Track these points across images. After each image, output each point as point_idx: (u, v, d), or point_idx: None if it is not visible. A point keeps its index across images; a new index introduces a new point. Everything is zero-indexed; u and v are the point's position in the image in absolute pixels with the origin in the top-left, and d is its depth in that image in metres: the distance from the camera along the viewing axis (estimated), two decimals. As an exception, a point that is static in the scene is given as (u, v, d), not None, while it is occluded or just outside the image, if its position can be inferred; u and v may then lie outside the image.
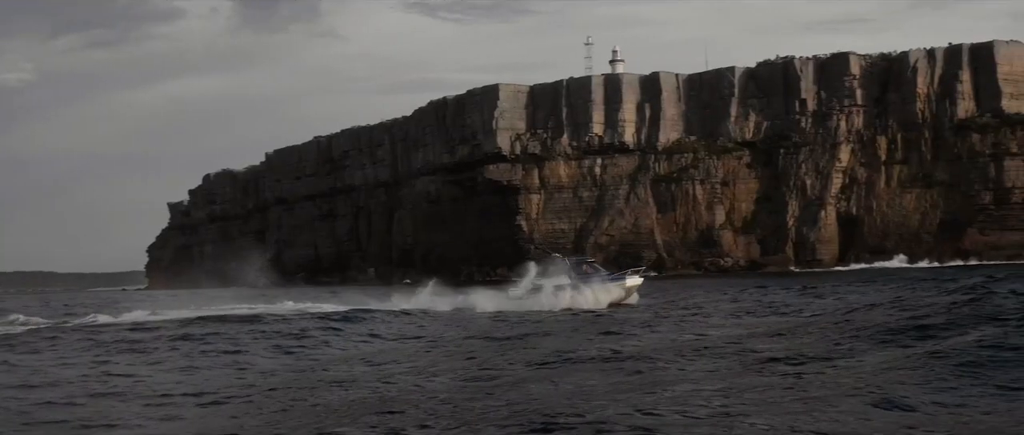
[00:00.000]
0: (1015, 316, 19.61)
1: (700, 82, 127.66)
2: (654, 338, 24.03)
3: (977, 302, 23.98)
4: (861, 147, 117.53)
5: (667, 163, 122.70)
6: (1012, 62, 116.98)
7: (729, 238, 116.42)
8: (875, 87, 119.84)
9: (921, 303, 26.57)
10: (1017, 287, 27.64)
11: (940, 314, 21.99)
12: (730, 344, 21.15)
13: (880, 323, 22.03)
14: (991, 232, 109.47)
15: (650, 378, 16.45)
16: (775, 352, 18.80)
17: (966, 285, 33.48)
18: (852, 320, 24.16)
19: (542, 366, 19.07)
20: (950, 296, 27.66)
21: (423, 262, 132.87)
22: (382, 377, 18.33)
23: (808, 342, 20.72)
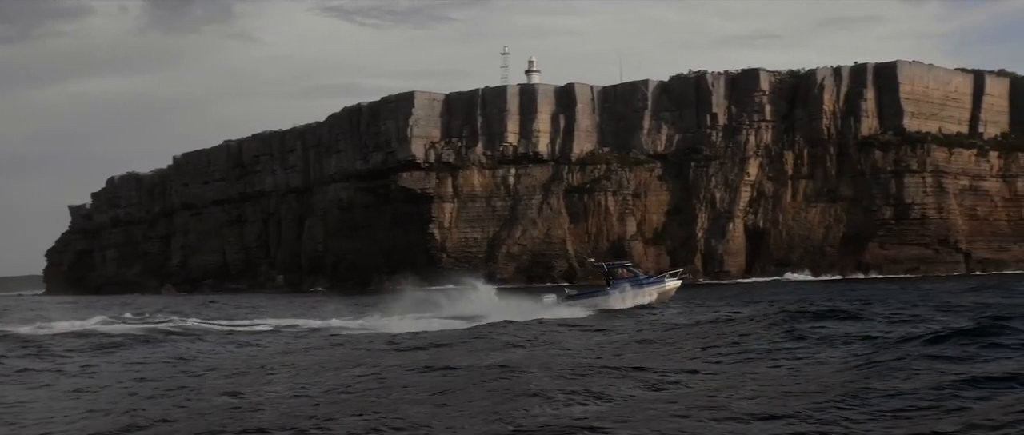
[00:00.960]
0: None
1: (614, 94, 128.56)
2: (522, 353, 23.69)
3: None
4: (769, 162, 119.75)
5: (580, 174, 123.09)
6: (914, 82, 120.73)
7: (639, 249, 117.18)
8: (783, 103, 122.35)
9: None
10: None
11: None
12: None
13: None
14: (891, 246, 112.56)
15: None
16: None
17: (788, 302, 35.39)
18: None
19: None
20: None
21: (334, 270, 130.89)
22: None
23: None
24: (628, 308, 35.73)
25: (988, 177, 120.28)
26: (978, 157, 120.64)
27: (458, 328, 32.52)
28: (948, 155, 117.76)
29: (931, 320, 25.69)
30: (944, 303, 35.09)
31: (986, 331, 20.56)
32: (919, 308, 32.19)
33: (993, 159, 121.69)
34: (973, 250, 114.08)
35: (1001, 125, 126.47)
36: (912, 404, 13.41)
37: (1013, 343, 18.75)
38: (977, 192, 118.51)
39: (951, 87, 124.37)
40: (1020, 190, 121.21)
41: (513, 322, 32.23)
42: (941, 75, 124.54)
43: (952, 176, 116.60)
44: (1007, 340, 19.20)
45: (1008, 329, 20.77)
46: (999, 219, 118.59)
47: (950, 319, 25.58)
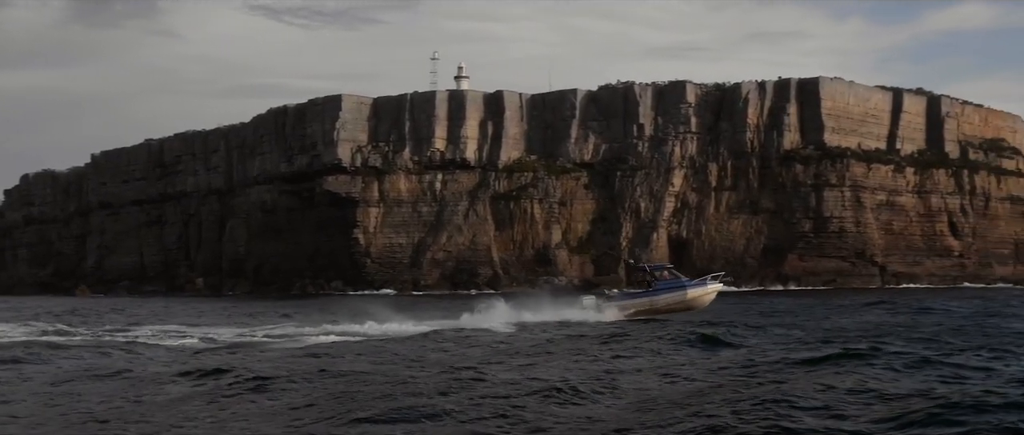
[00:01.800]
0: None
1: (543, 102, 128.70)
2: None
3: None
4: (694, 173, 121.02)
5: (507, 181, 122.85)
6: (835, 98, 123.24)
7: (564, 257, 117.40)
8: (709, 115, 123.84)
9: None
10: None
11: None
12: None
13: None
14: (810, 259, 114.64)
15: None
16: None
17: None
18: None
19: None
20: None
21: (255, 273, 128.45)
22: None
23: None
24: (673, 311, 35.28)
25: (904, 193, 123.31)
26: (895, 173, 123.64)
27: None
28: (866, 170, 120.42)
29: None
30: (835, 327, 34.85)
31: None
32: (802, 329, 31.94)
33: (909, 175, 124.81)
34: (888, 264, 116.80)
35: (917, 142, 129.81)
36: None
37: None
38: (893, 207, 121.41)
39: (871, 104, 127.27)
40: (934, 206, 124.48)
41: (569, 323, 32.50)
42: (861, 92, 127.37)
43: (870, 191, 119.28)
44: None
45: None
46: (914, 234, 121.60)
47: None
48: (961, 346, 24.05)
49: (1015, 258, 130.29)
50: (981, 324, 33.82)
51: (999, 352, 22.38)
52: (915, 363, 19.75)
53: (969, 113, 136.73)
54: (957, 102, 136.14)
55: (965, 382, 17.11)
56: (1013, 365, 19.64)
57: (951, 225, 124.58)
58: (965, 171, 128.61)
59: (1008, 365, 19.68)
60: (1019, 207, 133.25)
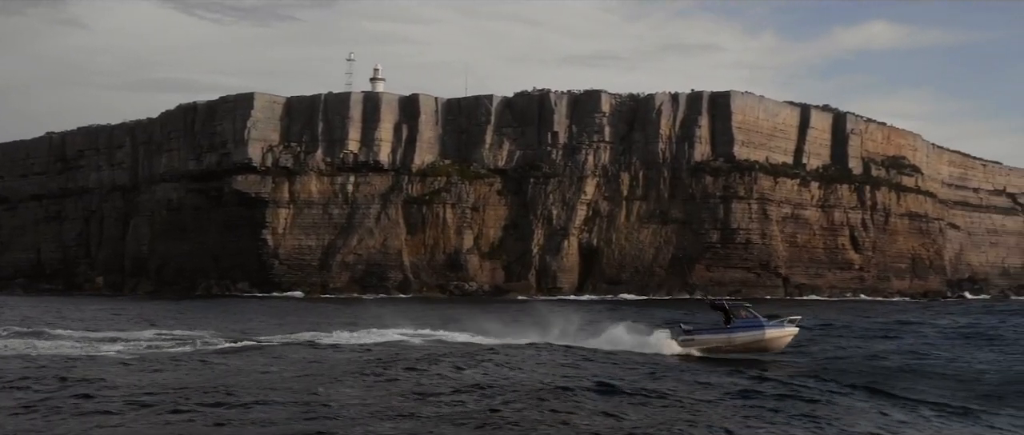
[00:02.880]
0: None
1: (458, 107, 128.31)
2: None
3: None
4: (606, 182, 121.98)
5: (420, 185, 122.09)
6: (745, 112, 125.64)
7: (475, 263, 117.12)
8: (622, 125, 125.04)
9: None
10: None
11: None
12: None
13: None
14: (716, 269, 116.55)
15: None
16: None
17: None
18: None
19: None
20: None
21: (158, 273, 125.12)
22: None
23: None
24: (748, 351, 33.39)
25: (809, 206, 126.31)
26: (801, 187, 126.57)
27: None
28: (773, 184, 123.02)
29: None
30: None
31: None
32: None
33: (814, 189, 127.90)
34: (791, 275, 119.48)
35: (823, 157, 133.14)
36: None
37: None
38: (798, 220, 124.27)
39: (780, 119, 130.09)
40: (837, 220, 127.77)
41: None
42: (771, 107, 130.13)
43: (776, 204, 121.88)
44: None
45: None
46: (816, 247, 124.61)
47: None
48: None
49: (911, 273, 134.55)
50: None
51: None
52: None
53: (872, 130, 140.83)
54: (861, 120, 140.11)
55: None
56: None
57: (852, 239, 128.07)
58: (867, 187, 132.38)
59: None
60: (917, 223, 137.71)
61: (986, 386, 25.30)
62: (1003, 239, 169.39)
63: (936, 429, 18.28)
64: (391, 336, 34.89)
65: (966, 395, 23.23)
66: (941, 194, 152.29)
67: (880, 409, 19.96)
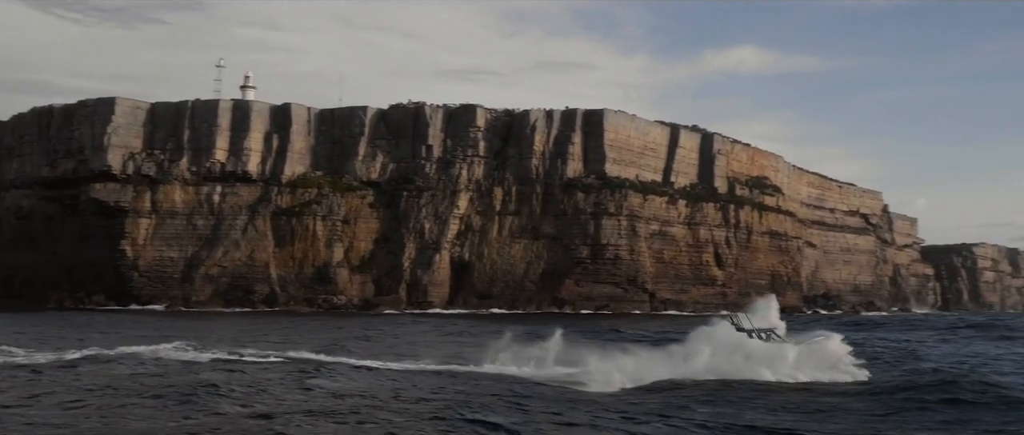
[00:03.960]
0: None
1: (332, 118, 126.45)
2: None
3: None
4: (479, 196, 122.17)
5: (290, 196, 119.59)
6: (617, 130, 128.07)
7: (345, 276, 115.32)
8: (497, 140, 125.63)
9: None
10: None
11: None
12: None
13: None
14: (586, 284, 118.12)
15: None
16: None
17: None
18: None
19: None
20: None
21: (5, 285, 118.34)
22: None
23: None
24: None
25: (676, 223, 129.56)
26: (668, 204, 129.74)
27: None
28: (643, 201, 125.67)
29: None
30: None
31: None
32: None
33: (681, 207, 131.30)
34: (658, 290, 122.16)
35: (690, 176, 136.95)
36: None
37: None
38: (665, 237, 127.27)
39: (650, 138, 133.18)
40: (702, 237, 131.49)
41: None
42: (642, 126, 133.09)
43: (645, 221, 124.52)
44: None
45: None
46: (682, 263, 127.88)
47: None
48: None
49: (771, 289, 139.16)
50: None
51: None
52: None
53: (738, 151, 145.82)
54: (728, 140, 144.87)
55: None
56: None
57: (716, 256, 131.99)
58: (731, 206, 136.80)
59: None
60: (777, 241, 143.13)
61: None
62: (855, 258, 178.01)
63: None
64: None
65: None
66: (800, 214, 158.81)
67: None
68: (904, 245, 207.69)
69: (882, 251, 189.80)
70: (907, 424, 19.81)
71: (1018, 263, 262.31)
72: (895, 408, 21.94)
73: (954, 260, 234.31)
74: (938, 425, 19.69)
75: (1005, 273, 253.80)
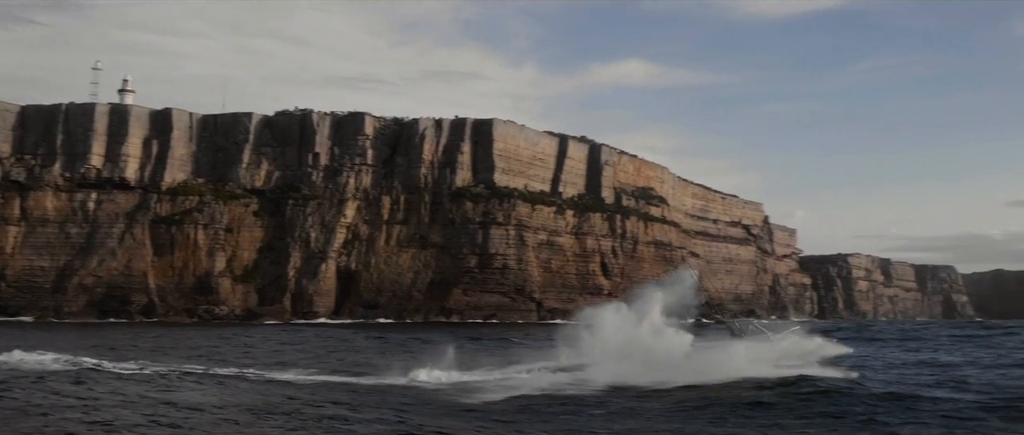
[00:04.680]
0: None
1: (215, 124, 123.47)
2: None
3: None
4: (367, 205, 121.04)
5: (170, 204, 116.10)
6: (507, 140, 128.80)
7: (227, 286, 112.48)
8: (385, 149, 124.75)
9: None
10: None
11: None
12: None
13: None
14: (473, 293, 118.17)
15: None
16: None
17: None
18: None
19: None
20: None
21: None
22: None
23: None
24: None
25: (563, 233, 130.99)
26: (556, 214, 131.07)
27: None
28: (531, 211, 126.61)
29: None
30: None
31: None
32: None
33: (569, 217, 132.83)
34: (545, 300, 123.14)
35: (578, 186, 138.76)
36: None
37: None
38: (553, 246, 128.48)
39: (539, 148, 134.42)
40: (589, 247, 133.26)
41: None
42: (531, 136, 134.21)
43: (532, 230, 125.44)
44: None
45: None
46: (569, 272, 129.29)
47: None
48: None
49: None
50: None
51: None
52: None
53: (625, 162, 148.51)
54: (615, 151, 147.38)
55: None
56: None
57: (603, 265, 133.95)
58: (618, 216, 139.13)
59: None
60: (662, 251, 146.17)
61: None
62: (737, 267, 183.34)
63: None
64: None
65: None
66: (684, 224, 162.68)
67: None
68: (783, 255, 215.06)
69: (762, 261, 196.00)
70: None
71: (890, 273, 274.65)
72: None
73: (830, 270, 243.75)
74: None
75: (878, 283, 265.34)
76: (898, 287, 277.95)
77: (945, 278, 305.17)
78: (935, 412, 21.44)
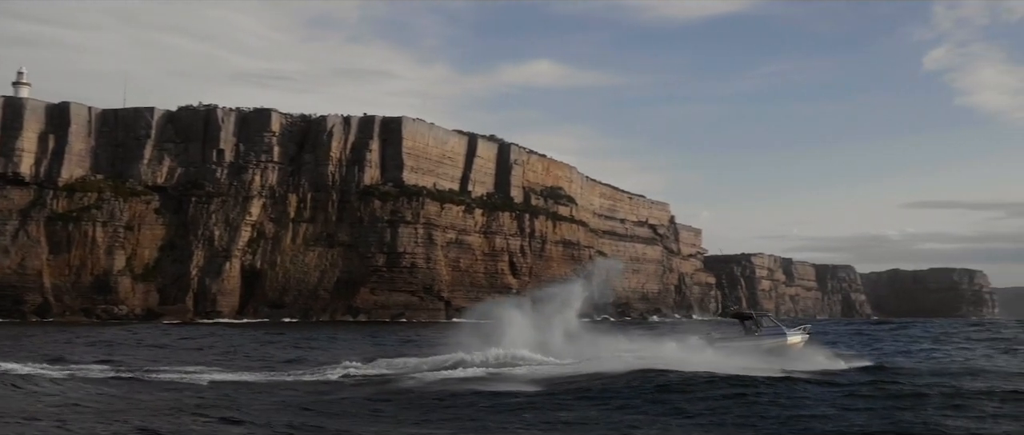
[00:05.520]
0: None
1: (115, 119, 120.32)
2: None
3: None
4: (273, 203, 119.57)
5: (67, 201, 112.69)
6: (416, 138, 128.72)
7: (127, 285, 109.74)
8: (292, 146, 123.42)
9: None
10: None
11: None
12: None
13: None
14: (381, 292, 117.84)
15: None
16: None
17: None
18: None
19: None
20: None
21: None
22: None
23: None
24: (773, 354, 34.52)
25: (472, 232, 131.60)
26: (465, 213, 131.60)
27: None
28: (440, 209, 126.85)
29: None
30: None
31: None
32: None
33: (478, 216, 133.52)
34: (453, 299, 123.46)
35: (487, 185, 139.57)
36: None
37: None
38: (461, 245, 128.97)
39: (448, 147, 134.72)
40: (498, 246, 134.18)
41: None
42: (440, 134, 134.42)
43: (441, 229, 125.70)
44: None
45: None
46: (478, 271, 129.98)
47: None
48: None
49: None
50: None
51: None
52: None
53: (534, 162, 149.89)
54: (524, 151, 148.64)
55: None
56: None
57: (511, 264, 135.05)
58: (527, 215, 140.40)
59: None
60: (570, 250, 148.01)
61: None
62: (644, 267, 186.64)
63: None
64: None
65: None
66: (592, 224, 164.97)
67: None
68: (689, 255, 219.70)
69: (669, 260, 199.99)
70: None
71: (792, 272, 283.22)
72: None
73: (734, 269, 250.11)
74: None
75: (780, 282, 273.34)
76: (799, 286, 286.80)
77: (844, 277, 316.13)
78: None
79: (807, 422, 18.79)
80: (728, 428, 18.44)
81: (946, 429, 17.83)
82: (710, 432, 18.08)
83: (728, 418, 19.49)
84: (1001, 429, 17.92)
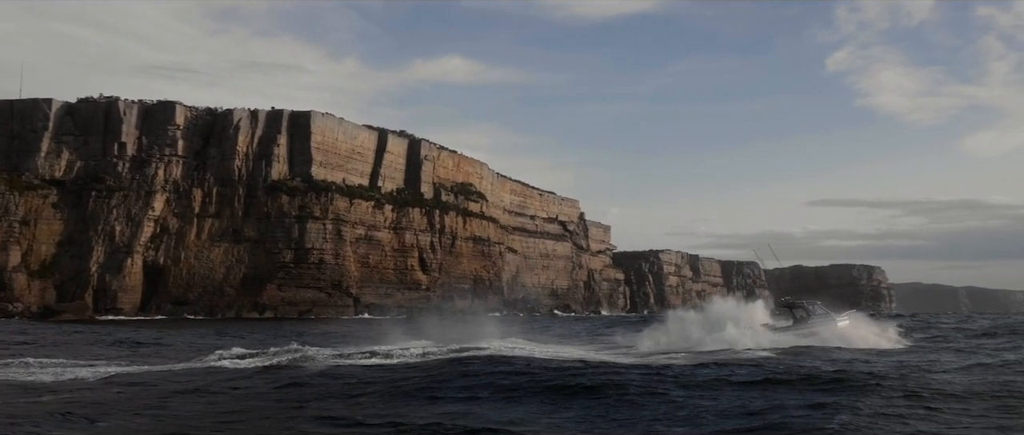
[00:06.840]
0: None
1: (10, 110, 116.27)
2: None
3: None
4: (177, 197, 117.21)
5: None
6: (325, 133, 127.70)
7: (22, 282, 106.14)
8: (198, 139, 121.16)
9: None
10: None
11: None
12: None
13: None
14: (288, 289, 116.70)
15: None
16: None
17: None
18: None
19: None
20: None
21: None
22: None
23: None
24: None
25: (382, 228, 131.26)
26: (375, 209, 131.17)
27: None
28: (349, 205, 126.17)
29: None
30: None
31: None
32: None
33: (388, 212, 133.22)
34: (362, 295, 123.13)
35: (397, 181, 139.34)
36: None
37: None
38: (371, 241, 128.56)
39: (358, 142, 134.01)
40: (408, 242, 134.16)
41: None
42: (350, 129, 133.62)
43: (351, 225, 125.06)
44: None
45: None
46: (387, 268, 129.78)
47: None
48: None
49: (473, 292, 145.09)
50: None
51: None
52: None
53: (444, 158, 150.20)
54: (434, 146, 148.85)
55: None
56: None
57: (421, 260, 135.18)
58: (437, 211, 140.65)
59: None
60: (480, 246, 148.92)
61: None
62: (553, 263, 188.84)
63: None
64: None
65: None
66: (503, 220, 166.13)
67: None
68: (598, 251, 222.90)
69: (578, 257, 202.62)
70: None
71: (698, 268, 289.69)
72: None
73: (642, 266, 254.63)
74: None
75: (687, 278, 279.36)
76: (706, 282, 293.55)
77: (749, 273, 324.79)
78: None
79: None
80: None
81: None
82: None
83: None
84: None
